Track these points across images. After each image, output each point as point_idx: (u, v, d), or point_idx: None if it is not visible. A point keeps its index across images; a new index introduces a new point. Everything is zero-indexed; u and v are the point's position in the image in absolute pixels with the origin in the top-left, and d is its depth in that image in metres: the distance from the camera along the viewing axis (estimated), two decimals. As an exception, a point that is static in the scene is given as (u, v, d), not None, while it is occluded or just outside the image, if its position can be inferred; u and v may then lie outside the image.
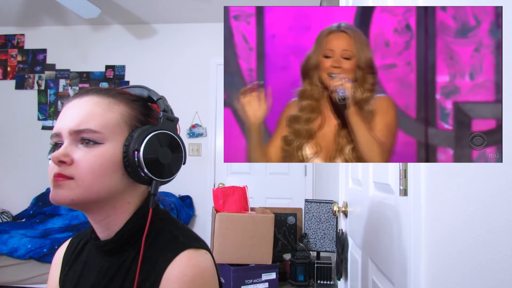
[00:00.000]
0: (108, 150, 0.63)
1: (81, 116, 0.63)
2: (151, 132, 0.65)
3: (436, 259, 0.64)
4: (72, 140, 0.63)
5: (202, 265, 0.63)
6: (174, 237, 0.67)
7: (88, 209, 0.66)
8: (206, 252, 0.66)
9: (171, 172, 0.68)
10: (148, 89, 0.71)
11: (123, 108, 0.67)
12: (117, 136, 0.64)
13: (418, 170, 0.71)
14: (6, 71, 3.80)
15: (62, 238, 2.85)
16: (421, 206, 0.70)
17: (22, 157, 3.70)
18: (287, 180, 3.55)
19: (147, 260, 0.64)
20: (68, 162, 0.61)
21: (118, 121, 0.65)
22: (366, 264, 1.10)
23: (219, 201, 1.71)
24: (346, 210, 1.43)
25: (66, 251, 0.79)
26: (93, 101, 0.65)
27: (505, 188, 0.45)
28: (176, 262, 0.62)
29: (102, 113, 0.64)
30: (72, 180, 0.61)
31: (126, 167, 0.63)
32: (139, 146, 0.63)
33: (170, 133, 0.67)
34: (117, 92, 0.69)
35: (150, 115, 0.70)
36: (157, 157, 0.64)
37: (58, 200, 0.61)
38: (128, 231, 0.66)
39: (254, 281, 1.56)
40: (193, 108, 3.58)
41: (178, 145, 0.69)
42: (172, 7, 3.35)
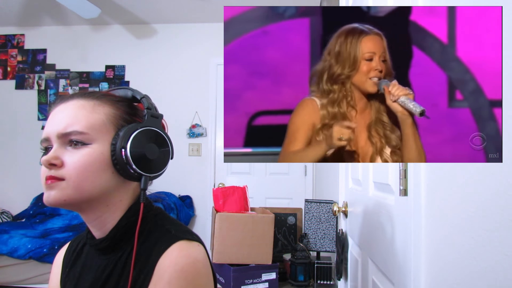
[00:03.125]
0: (96, 149, 0.64)
1: (67, 119, 0.65)
2: (137, 129, 0.66)
3: (436, 259, 0.64)
4: (61, 143, 0.64)
5: (194, 255, 0.64)
6: (167, 231, 0.68)
7: (81, 209, 0.67)
8: (198, 244, 0.67)
9: (160, 167, 0.69)
10: (132, 89, 0.73)
11: (108, 108, 0.68)
12: (104, 135, 0.65)
13: (418, 170, 0.71)
14: (6, 71, 3.80)
15: (62, 238, 2.85)
16: (421, 206, 0.70)
17: (22, 157, 3.70)
18: (287, 180, 3.55)
19: (141, 254, 0.66)
20: (58, 164, 0.63)
21: (103, 121, 0.66)
22: (366, 264, 1.10)
23: (219, 201, 1.71)
24: (346, 210, 1.43)
25: (66, 253, 0.80)
26: (78, 104, 0.67)
27: (505, 188, 0.45)
28: (168, 252, 0.63)
29: (87, 115, 0.65)
30: (63, 181, 0.63)
31: (115, 165, 0.65)
32: (126, 143, 0.64)
33: (155, 129, 0.69)
34: (101, 94, 0.70)
35: (135, 114, 0.72)
36: (144, 153, 0.66)
37: (51, 201, 0.63)
38: (122, 228, 0.68)
39: (254, 281, 1.56)
40: (193, 108, 3.57)
41: (164, 140, 0.70)
42: (172, 7, 3.35)
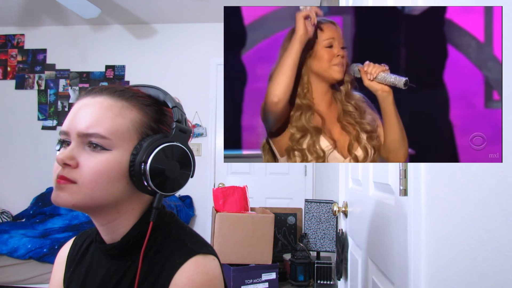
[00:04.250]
0: (115, 157, 0.61)
1: (91, 119, 0.61)
2: (161, 144, 0.62)
3: (436, 259, 0.64)
4: (79, 142, 0.61)
5: (211, 272, 0.62)
6: (182, 242, 0.66)
7: (91, 213, 0.65)
8: (214, 258, 0.65)
9: (177, 186, 0.66)
10: (165, 93, 0.68)
11: (135, 114, 0.64)
12: (126, 143, 0.62)
13: (418, 170, 0.71)
14: (6, 71, 3.80)
15: (62, 238, 2.85)
16: (421, 206, 0.70)
17: (22, 157, 3.70)
18: (287, 180, 3.55)
19: (155, 265, 0.63)
20: (73, 165, 0.59)
21: (128, 128, 0.62)
22: (366, 264, 1.10)
23: (219, 201, 1.71)
24: (346, 210, 1.43)
25: (70, 250, 0.78)
26: (106, 103, 0.63)
27: (505, 188, 0.45)
28: (184, 268, 0.61)
29: (113, 118, 0.62)
30: (75, 184, 0.60)
31: (131, 176, 0.62)
32: (147, 157, 0.61)
33: (180, 145, 0.65)
34: (132, 94, 0.66)
35: (163, 122, 0.67)
36: (164, 170, 0.62)
37: (59, 202, 0.60)
38: (134, 236, 0.65)
39: (254, 281, 1.56)
40: (193, 108, 3.58)
41: (188, 158, 0.66)
42: (172, 7, 3.35)
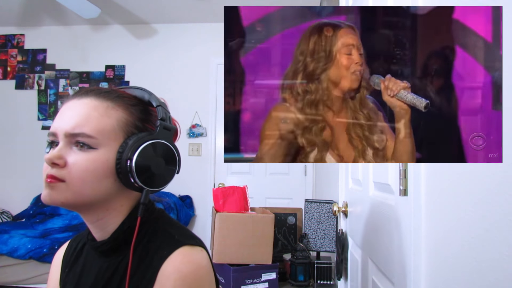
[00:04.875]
0: (101, 155, 0.63)
1: (77, 119, 0.63)
2: (146, 141, 0.64)
3: (436, 259, 0.64)
4: (67, 142, 0.63)
5: (197, 262, 0.64)
6: (170, 235, 0.67)
7: (80, 210, 0.67)
8: (201, 249, 0.67)
9: (163, 182, 0.67)
10: (150, 93, 0.70)
11: (120, 113, 0.66)
12: (112, 142, 0.64)
13: (418, 170, 0.71)
14: (6, 71, 3.80)
15: (62, 238, 2.85)
16: (421, 206, 0.70)
17: (22, 157, 3.70)
18: (287, 180, 3.55)
19: (144, 259, 0.65)
20: (61, 164, 0.62)
21: (114, 127, 0.64)
22: (366, 264, 1.10)
23: (219, 201, 1.71)
24: (346, 210, 1.43)
25: (65, 252, 0.79)
26: (91, 104, 0.65)
27: (505, 188, 0.45)
28: (171, 258, 0.62)
29: (98, 118, 0.64)
30: (63, 183, 0.62)
31: (118, 174, 0.63)
32: (133, 154, 0.63)
33: (165, 142, 0.67)
34: (117, 95, 0.68)
35: (148, 121, 0.69)
36: (150, 166, 0.64)
37: (48, 201, 0.63)
38: (123, 231, 0.67)
39: (254, 281, 1.55)
40: (193, 108, 3.58)
41: (172, 154, 0.68)
42: (172, 7, 3.35)
